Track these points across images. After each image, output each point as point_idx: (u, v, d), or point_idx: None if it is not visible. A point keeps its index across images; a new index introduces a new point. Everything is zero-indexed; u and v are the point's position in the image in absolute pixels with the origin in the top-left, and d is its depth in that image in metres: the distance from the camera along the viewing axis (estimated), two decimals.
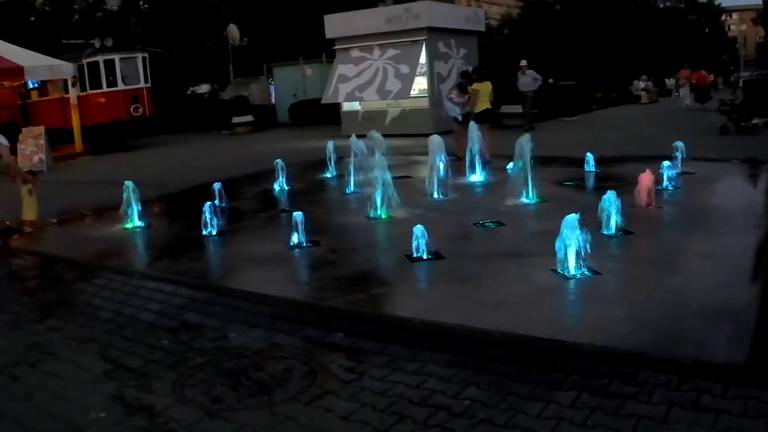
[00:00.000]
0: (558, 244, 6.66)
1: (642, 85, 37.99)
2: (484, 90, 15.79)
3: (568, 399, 4.28)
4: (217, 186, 11.43)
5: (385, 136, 16.13)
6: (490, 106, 16.03)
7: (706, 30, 62.75)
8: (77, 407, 4.62)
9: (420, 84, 23.29)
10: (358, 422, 4.17)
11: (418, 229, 7.59)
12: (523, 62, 23.33)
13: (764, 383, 4.28)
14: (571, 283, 6.48)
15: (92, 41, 24.96)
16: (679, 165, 11.93)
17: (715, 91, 33.82)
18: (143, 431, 4.25)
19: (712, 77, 36.74)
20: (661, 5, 58.35)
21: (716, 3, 66.66)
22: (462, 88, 16.07)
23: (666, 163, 10.86)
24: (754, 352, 4.68)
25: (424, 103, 23.05)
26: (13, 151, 11.33)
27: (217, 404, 4.53)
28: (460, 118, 15.50)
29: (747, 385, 4.27)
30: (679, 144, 12.06)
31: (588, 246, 6.64)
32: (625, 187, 9.87)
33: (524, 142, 10.56)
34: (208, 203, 9.65)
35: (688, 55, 48.58)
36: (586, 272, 6.63)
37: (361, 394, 4.53)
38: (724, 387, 4.26)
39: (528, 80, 22.86)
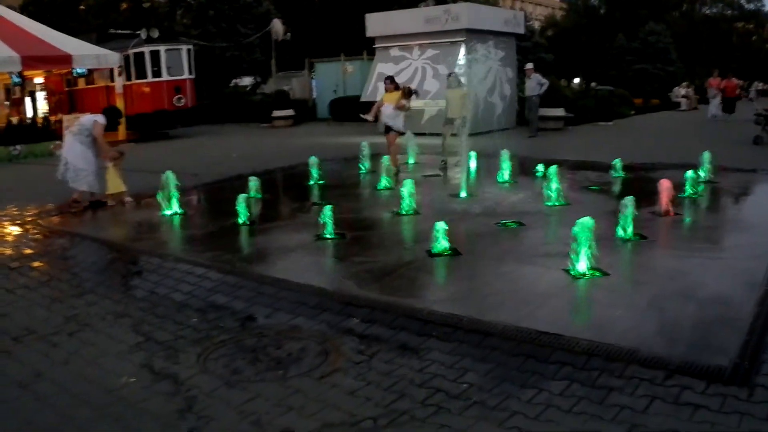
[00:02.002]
0: (571, 245, 7.00)
1: (682, 92, 37.82)
2: (451, 98, 15.29)
3: (558, 388, 4.63)
4: (253, 178, 11.86)
5: (421, 135, 16.57)
6: (464, 115, 14.48)
7: (753, 38, 62.07)
8: (109, 373, 5.11)
9: None
10: (362, 398, 4.57)
11: (439, 226, 7.94)
12: (529, 66, 23.32)
13: (744, 383, 4.57)
14: (580, 283, 6.79)
15: (138, 32, 25.54)
16: (705, 174, 12.14)
17: (749, 102, 32.70)
18: (168, 395, 4.70)
19: (740, 87, 34.80)
20: (707, 12, 57.77)
21: (765, 11, 65.58)
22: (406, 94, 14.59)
23: (690, 172, 11.04)
24: (739, 356, 4.95)
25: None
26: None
27: (235, 376, 4.98)
28: (402, 129, 14.51)
29: (728, 384, 4.57)
30: (706, 154, 12.26)
31: (597, 248, 6.96)
32: (648, 193, 10.13)
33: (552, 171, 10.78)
34: (243, 194, 10.09)
35: (733, 63, 48.22)
36: (596, 273, 6.94)
37: (368, 373, 4.93)
38: (707, 385, 4.56)
39: (532, 84, 22.58)
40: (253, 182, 11.77)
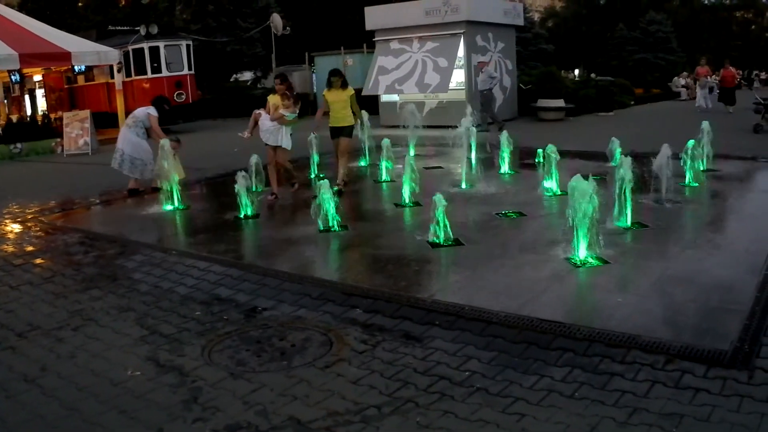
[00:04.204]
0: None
1: (682, 81, 37.70)
2: (335, 101, 12.01)
3: (560, 374, 4.67)
4: (254, 171, 11.88)
5: (422, 127, 16.56)
6: (353, 123, 12.20)
7: (753, 27, 61.85)
8: (115, 366, 5.16)
9: (458, 77, 23.54)
10: (365, 386, 4.62)
11: (440, 217, 7.98)
12: (481, 59, 23.11)
13: (744, 366, 4.62)
14: (580, 271, 6.83)
15: (138, 28, 25.51)
16: (704, 162, 12.17)
17: (749, 91, 31.71)
18: (173, 387, 4.75)
19: (738, 76, 32.39)
20: (706, 2, 57.56)
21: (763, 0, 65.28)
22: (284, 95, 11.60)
23: (687, 160, 11.05)
24: (740, 340, 5.00)
25: (462, 96, 23.29)
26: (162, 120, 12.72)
27: (240, 367, 5.03)
28: (285, 144, 11.59)
29: (728, 367, 4.61)
30: (704, 141, 12.27)
31: (598, 236, 7.01)
32: (648, 181, 10.16)
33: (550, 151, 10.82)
34: (245, 188, 10.11)
35: (734, 51, 48.13)
36: (596, 261, 6.98)
37: (372, 362, 4.98)
38: (707, 369, 4.61)
39: (483, 78, 22.10)
40: (255, 176, 11.79)
